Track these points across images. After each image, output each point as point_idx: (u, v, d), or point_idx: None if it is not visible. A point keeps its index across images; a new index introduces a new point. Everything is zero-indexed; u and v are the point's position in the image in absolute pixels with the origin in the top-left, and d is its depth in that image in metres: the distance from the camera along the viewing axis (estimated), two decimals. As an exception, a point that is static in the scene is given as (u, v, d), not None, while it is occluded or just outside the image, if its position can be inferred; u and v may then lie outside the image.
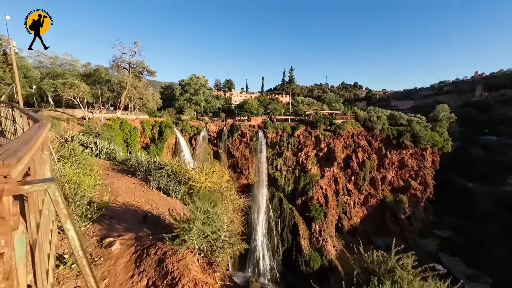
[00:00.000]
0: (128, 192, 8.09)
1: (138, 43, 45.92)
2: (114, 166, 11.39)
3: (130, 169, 11.34)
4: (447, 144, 73.46)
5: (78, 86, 35.22)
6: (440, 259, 61.56)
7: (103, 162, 11.45)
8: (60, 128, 22.34)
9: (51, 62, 49.34)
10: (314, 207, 61.86)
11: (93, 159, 9.79)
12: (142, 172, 10.08)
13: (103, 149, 12.09)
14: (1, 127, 11.72)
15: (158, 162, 11.56)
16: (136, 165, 11.60)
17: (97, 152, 11.76)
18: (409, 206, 69.94)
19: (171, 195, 8.92)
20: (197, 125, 60.07)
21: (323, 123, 64.09)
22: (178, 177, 9.82)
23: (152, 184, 9.20)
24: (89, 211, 5.40)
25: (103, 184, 7.84)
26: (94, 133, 18.52)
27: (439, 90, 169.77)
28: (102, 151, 11.97)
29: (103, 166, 10.78)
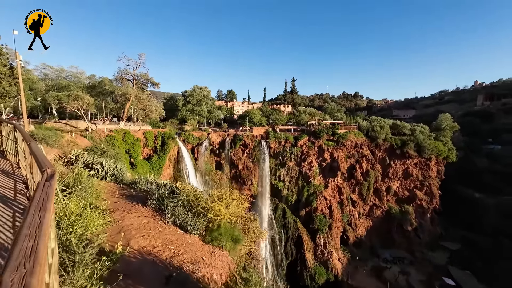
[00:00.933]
0: (142, 231, 6.93)
1: (143, 55, 46.72)
2: (122, 191, 10.26)
3: (139, 193, 10.24)
4: (452, 154, 72.72)
5: (83, 98, 35.41)
6: (450, 273, 59.42)
7: (110, 186, 10.44)
8: (63, 141, 22.13)
9: (57, 75, 50.08)
10: (319, 219, 60.58)
11: (100, 183, 8.99)
12: (154, 201, 8.81)
13: (110, 170, 11.20)
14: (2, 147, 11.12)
15: (169, 186, 10.51)
16: (145, 189, 10.62)
17: (103, 174, 10.85)
18: (416, 217, 68.42)
19: (189, 231, 7.76)
20: (200, 136, 59.97)
21: (326, 133, 63.83)
22: (195, 208, 8.65)
23: (167, 218, 7.98)
24: (100, 266, 4.10)
25: (113, 220, 6.84)
26: (99, 151, 17.95)
27: (440, 100, 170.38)
28: (109, 173, 11.09)
29: (110, 191, 9.73)
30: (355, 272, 57.82)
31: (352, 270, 57.99)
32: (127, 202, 8.95)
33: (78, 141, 30.47)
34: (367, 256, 63.46)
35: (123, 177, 11.68)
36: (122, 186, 10.94)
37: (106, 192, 9.03)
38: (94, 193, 6.93)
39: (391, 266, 60.36)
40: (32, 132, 24.71)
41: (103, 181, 10.38)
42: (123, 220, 7.21)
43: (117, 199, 9.02)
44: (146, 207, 8.64)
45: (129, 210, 8.11)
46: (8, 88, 24.16)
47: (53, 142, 17.93)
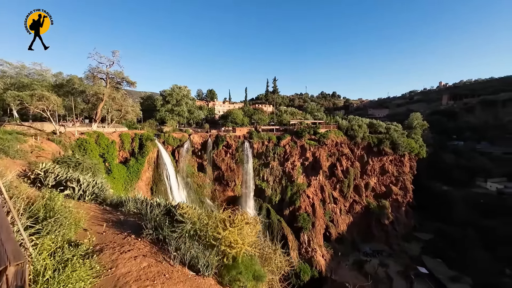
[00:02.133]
0: (145, 282, 4.84)
1: (117, 53, 43.60)
2: (107, 215, 8.13)
3: (129, 218, 8.12)
4: (422, 150, 77.80)
5: (49, 98, 32.16)
6: (423, 262, 63.46)
7: (91, 208, 8.29)
8: (26, 146, 19.31)
9: (17, 72, 45.09)
10: (302, 217, 61.42)
11: (78, 206, 7.57)
12: (151, 230, 6.82)
13: (89, 188, 9.16)
14: None
15: (163, 205, 8.58)
16: (135, 211, 8.54)
17: (81, 193, 8.74)
18: (392, 211, 72.15)
19: (201, 272, 5.93)
20: (181, 137, 57.81)
21: (307, 133, 64.92)
22: (204, 239, 6.69)
23: (172, 255, 6.10)
24: None
25: (103, 268, 4.82)
26: (73, 162, 14.70)
27: (410, 99, 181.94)
28: (88, 191, 8.97)
29: (92, 217, 7.62)
30: (338, 267, 59.46)
31: (335, 266, 59.56)
32: (116, 232, 6.94)
33: (45, 146, 27.62)
34: (349, 251, 65.64)
35: (106, 196, 9.75)
36: (106, 208, 8.80)
37: (88, 218, 7.03)
38: (73, 224, 5.30)
39: (371, 259, 63.02)
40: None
41: (82, 202, 8.63)
42: (116, 266, 5.23)
43: (102, 227, 7.01)
44: (142, 239, 6.68)
45: (121, 245, 6.21)
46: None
47: (14, 153, 14.50)
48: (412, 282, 56.15)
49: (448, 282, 55.81)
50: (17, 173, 9.77)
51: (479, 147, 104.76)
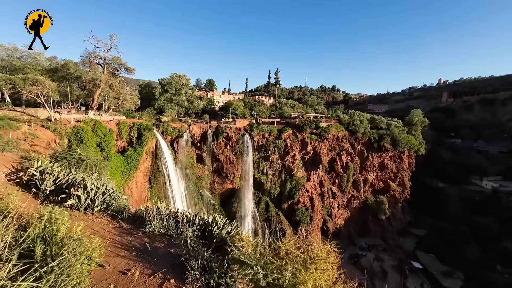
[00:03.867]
0: None
1: (115, 37, 41.40)
2: (126, 237, 5.90)
3: (155, 242, 5.85)
4: (422, 147, 77.85)
5: (43, 82, 30.46)
6: (417, 257, 64.63)
7: (103, 225, 6.29)
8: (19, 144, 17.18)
9: (8, 54, 42.77)
10: (301, 211, 61.48)
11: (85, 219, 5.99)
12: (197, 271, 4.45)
13: (99, 195, 7.11)
14: None
15: (199, 221, 6.67)
16: (162, 231, 6.41)
17: (89, 202, 6.78)
18: (389, 207, 72.74)
19: None
20: (180, 127, 56.46)
21: (309, 127, 64.06)
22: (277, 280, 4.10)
23: None
24: None
25: None
26: (74, 158, 11.55)
27: (410, 96, 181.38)
28: (97, 200, 6.93)
29: (105, 237, 5.59)
30: (334, 261, 60.10)
31: (331, 259, 60.18)
32: (146, 270, 4.66)
33: (39, 133, 26.28)
34: (345, 245, 66.26)
35: (119, 206, 7.57)
36: (123, 225, 6.68)
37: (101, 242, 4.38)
38: (84, 263, 3.47)
39: (367, 254, 63.87)
40: (-23, 122, 20.45)
41: (90, 215, 6.68)
42: None
43: (125, 261, 4.83)
44: (187, 285, 4.35)
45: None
46: None
47: (3, 145, 11.96)
48: (406, 277, 57.26)
49: (440, 277, 57.01)
50: (5, 171, 8.07)
51: (476, 146, 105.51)
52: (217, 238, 6.16)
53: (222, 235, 6.21)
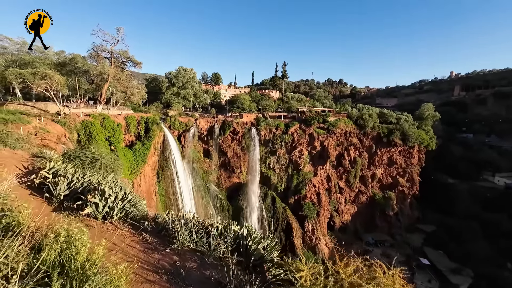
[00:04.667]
0: None
1: (121, 30, 41.03)
2: (153, 254, 5.13)
3: (186, 261, 5.08)
4: (432, 142, 76.06)
5: (52, 77, 30.51)
6: (425, 253, 64.03)
7: (124, 238, 5.54)
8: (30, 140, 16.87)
9: (18, 48, 42.95)
10: (307, 206, 61.27)
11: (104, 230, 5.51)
12: None
13: (117, 202, 6.35)
14: None
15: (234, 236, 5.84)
16: (192, 246, 5.58)
17: (107, 210, 6.09)
18: (397, 202, 71.85)
19: None
20: (187, 122, 56.37)
21: (317, 121, 63.08)
22: None
23: None
24: None
25: None
26: (88, 158, 10.76)
27: (420, 89, 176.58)
28: (116, 207, 6.21)
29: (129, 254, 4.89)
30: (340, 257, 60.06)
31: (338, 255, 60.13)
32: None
33: (49, 128, 26.43)
34: (352, 240, 66.09)
35: (139, 212, 6.85)
36: (147, 238, 5.77)
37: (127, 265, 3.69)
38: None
39: (373, 249, 63.55)
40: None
41: (108, 224, 6.03)
42: None
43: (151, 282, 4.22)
44: None
45: None
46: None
47: (14, 142, 11.30)
48: (413, 273, 56.87)
49: (449, 273, 56.41)
50: (16, 173, 7.47)
51: (489, 141, 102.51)
52: (255, 255, 5.49)
53: (261, 252, 5.53)
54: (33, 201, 6.12)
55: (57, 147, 21.59)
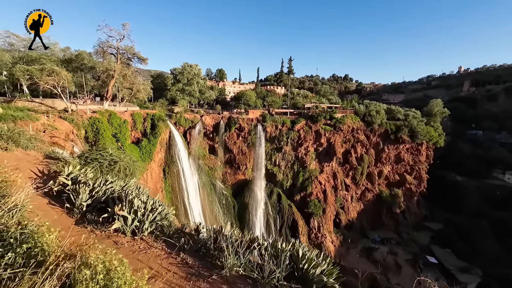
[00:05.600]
0: None
1: (127, 25, 40.63)
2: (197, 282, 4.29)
3: (234, 284, 4.44)
4: (441, 139, 74.49)
5: (59, 73, 30.40)
6: (432, 251, 63.26)
7: (160, 260, 4.78)
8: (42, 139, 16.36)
9: (25, 45, 42.97)
10: (313, 203, 60.85)
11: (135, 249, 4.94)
12: None
13: (147, 213, 5.59)
14: None
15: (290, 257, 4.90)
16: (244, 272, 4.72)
17: (136, 224, 5.35)
18: (404, 200, 70.90)
19: None
20: (192, 118, 56.12)
21: (323, 117, 62.20)
22: None
23: None
24: None
25: None
26: (106, 160, 9.65)
27: (427, 85, 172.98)
28: (147, 221, 5.44)
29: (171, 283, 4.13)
30: (347, 254, 59.80)
31: (344, 252, 59.90)
32: None
33: (58, 124, 26.35)
34: (358, 237, 65.68)
35: (170, 226, 6.02)
36: (185, 258, 5.01)
37: None
38: None
39: (380, 247, 63.04)
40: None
41: (139, 241, 5.28)
42: None
43: None
44: None
45: None
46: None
47: (26, 141, 10.56)
48: (420, 271, 56.31)
49: (457, 272, 55.66)
50: (31, 178, 6.84)
51: (499, 138, 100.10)
52: (315, 282, 4.61)
53: (322, 278, 4.67)
54: (52, 211, 5.65)
55: (66, 144, 21.48)
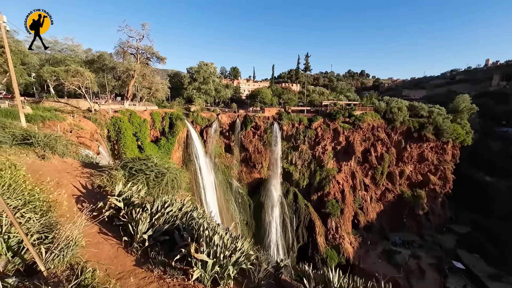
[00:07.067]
0: None
1: (147, 25, 41.14)
2: None
3: None
4: (469, 137, 70.04)
5: (83, 73, 31.22)
6: (459, 256, 59.80)
7: None
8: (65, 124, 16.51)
9: (51, 48, 44.86)
10: (331, 203, 59.34)
11: None
12: None
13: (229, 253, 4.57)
14: None
15: None
16: None
17: (217, 269, 4.22)
18: (427, 201, 67.46)
19: None
20: (209, 117, 56.23)
21: (342, 115, 60.19)
22: None
23: None
24: None
25: None
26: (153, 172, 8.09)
27: (451, 79, 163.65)
28: (231, 267, 4.33)
29: None
30: (366, 256, 57.92)
31: (363, 254, 58.05)
32: None
33: (83, 124, 27.03)
34: (377, 239, 63.44)
35: (256, 268, 4.83)
36: None
37: None
38: None
39: (402, 250, 60.48)
40: (28, 115, 21.13)
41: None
42: None
43: None
44: None
45: None
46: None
47: (63, 148, 9.81)
48: (446, 276, 53.44)
49: (487, 279, 52.18)
50: (75, 196, 6.17)
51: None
52: None
53: None
54: (106, 245, 4.68)
55: (92, 144, 21.91)
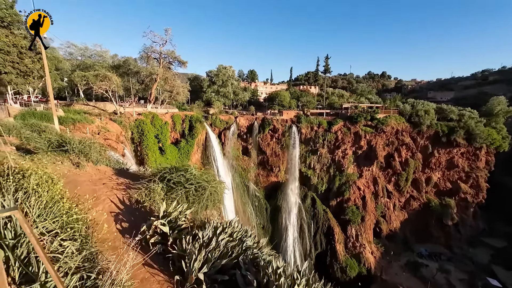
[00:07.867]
0: None
1: (169, 30, 42.46)
2: None
3: None
4: (505, 143, 64.50)
5: (110, 78, 32.66)
6: (494, 272, 54.80)
7: None
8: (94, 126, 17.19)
9: (81, 54, 47.69)
10: (351, 210, 57.09)
11: None
12: None
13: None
14: None
15: None
16: None
17: None
18: (457, 211, 62.76)
19: None
20: (227, 119, 56.64)
21: (363, 118, 57.95)
22: None
23: None
24: None
25: None
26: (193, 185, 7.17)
27: (483, 80, 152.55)
28: None
29: None
30: (388, 267, 54.86)
31: (385, 265, 55.04)
32: None
33: (109, 127, 28.10)
34: (401, 250, 59.94)
35: None
36: None
37: None
38: None
39: (428, 263, 56.60)
40: (61, 117, 22.28)
41: None
42: None
43: None
44: None
45: None
46: (31, 66, 21.34)
47: (97, 155, 9.82)
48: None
49: (528, 300, 47.38)
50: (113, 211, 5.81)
51: None
52: None
53: None
54: (153, 282, 3.99)
55: (118, 146, 22.62)
